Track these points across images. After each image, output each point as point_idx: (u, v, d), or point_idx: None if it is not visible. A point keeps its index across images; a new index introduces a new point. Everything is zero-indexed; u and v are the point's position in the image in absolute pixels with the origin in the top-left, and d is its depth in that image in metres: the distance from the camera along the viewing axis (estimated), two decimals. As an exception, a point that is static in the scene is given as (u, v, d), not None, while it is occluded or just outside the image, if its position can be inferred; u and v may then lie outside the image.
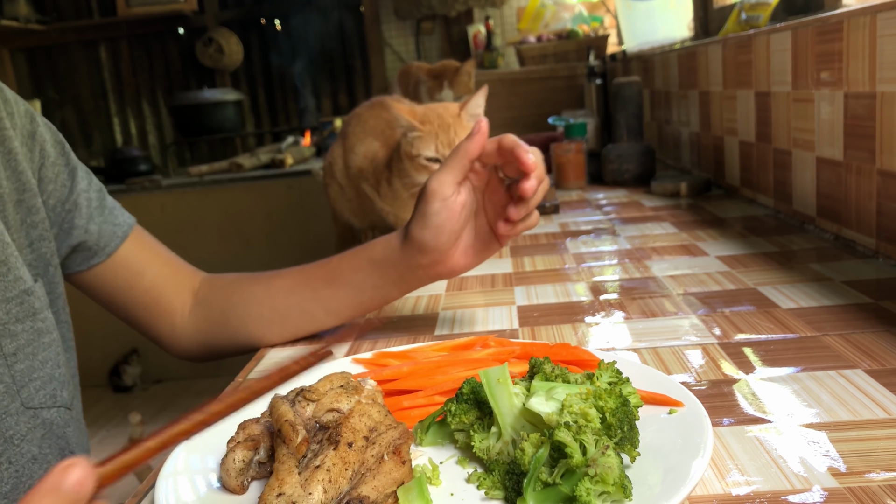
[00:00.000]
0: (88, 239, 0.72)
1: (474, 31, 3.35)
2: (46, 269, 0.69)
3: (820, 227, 1.03)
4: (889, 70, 0.82)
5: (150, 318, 0.79)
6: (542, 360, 0.52)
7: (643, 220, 1.25)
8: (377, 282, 0.72)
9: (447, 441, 0.52)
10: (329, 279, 0.74)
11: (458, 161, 0.66)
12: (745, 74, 1.27)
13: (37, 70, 4.05)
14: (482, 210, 0.70)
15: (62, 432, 0.64)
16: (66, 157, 0.72)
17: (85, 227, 0.72)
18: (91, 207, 0.73)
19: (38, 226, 0.67)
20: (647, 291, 0.84)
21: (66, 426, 0.65)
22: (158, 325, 0.79)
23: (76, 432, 0.67)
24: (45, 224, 0.68)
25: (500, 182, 0.69)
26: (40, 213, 0.68)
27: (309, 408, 0.48)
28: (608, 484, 0.40)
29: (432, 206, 0.66)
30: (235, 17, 3.99)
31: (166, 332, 0.80)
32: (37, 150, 0.69)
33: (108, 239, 0.74)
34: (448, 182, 0.66)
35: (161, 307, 0.78)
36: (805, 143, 1.06)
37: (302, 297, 0.75)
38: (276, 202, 3.25)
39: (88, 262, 0.74)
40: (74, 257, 0.73)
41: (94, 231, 0.73)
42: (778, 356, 0.62)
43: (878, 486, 0.42)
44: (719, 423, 0.52)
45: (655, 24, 2.33)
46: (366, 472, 0.44)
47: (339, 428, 0.46)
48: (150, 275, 0.77)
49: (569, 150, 1.64)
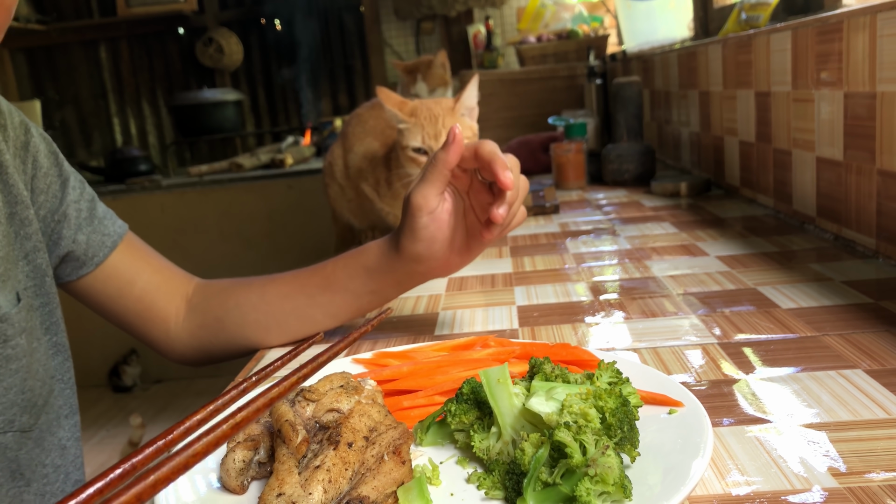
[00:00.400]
0: (76, 249, 0.73)
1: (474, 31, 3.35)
2: (43, 280, 0.69)
3: (820, 227, 1.03)
4: (889, 70, 0.82)
5: (144, 325, 0.79)
6: (542, 360, 0.52)
7: (643, 220, 1.25)
8: (373, 287, 0.72)
9: (447, 441, 0.52)
10: (325, 285, 0.73)
11: (437, 172, 0.65)
12: (745, 74, 1.27)
13: (37, 70, 4.05)
14: (470, 209, 0.69)
15: (14, 455, 0.63)
16: (59, 167, 0.72)
17: (73, 237, 0.72)
18: (80, 218, 0.73)
19: (31, 237, 0.67)
20: (647, 291, 0.84)
21: (18, 449, 0.64)
22: (153, 332, 0.79)
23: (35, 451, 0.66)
24: (38, 235, 0.68)
25: (482, 183, 0.68)
26: (33, 224, 0.68)
27: (309, 408, 0.48)
28: (608, 484, 0.40)
29: (420, 221, 0.66)
30: (235, 17, 3.99)
31: (161, 339, 0.80)
32: (29, 160, 0.69)
33: (97, 249, 0.74)
34: (431, 195, 0.65)
35: (154, 314, 0.78)
36: (805, 143, 1.06)
37: (298, 302, 0.74)
38: (276, 202, 3.25)
39: (77, 272, 0.74)
40: (63, 267, 0.73)
41: (81, 241, 0.73)
42: (778, 356, 0.62)
43: (878, 486, 0.42)
44: (719, 423, 0.52)
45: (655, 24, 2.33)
46: (366, 473, 0.44)
47: (339, 428, 0.46)
48: (141, 283, 0.77)
49: (569, 150, 1.64)
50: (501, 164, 0.61)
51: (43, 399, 0.67)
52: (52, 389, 0.69)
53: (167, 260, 0.82)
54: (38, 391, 0.66)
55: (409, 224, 0.67)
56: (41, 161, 0.70)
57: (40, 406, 0.67)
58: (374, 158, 1.21)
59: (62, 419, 0.71)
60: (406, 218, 0.67)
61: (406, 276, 0.71)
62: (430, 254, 0.68)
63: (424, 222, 0.66)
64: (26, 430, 0.65)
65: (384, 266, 0.70)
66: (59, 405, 0.70)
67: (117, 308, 0.77)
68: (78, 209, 0.73)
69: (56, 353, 0.71)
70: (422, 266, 0.69)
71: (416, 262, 0.69)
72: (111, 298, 0.76)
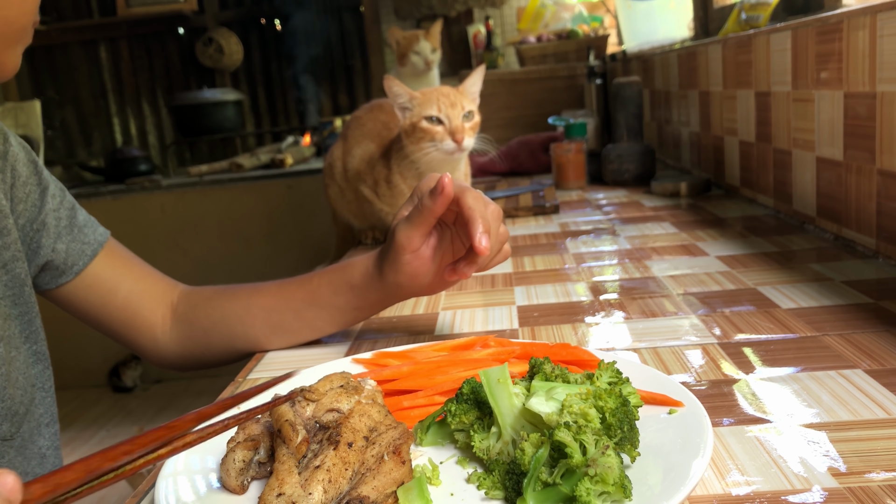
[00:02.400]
0: (55, 258, 0.72)
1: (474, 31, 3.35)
2: (22, 290, 0.69)
3: (820, 227, 1.03)
4: (889, 70, 0.82)
5: (130, 333, 0.79)
6: (542, 360, 0.52)
7: (643, 220, 1.25)
8: (358, 304, 0.73)
9: (447, 441, 0.52)
10: (310, 300, 0.73)
11: (423, 219, 0.64)
12: (745, 74, 1.27)
13: (37, 70, 4.05)
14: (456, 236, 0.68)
15: None
16: (38, 175, 0.72)
17: (52, 246, 0.72)
18: (60, 226, 0.73)
19: (10, 247, 0.67)
20: (647, 291, 0.84)
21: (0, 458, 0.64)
22: (140, 340, 0.79)
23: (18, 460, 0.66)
24: (17, 245, 0.68)
25: None
26: (12, 233, 0.67)
27: (309, 408, 0.48)
28: (608, 484, 0.40)
29: (403, 258, 0.66)
30: (235, 17, 3.99)
31: (149, 346, 0.80)
32: (7, 170, 0.69)
33: (76, 258, 0.74)
34: (415, 237, 0.65)
35: (139, 322, 0.78)
36: (805, 143, 1.06)
37: (284, 316, 0.74)
38: (276, 202, 3.25)
39: (57, 280, 0.74)
40: (43, 276, 0.73)
41: (61, 250, 0.73)
42: (778, 356, 0.62)
43: (878, 486, 0.42)
44: (719, 423, 0.52)
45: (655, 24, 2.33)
46: (366, 473, 0.44)
47: (339, 428, 0.46)
48: (123, 291, 0.77)
49: (569, 150, 1.64)
50: (478, 227, 0.61)
51: (24, 408, 0.67)
52: (34, 398, 0.69)
53: (150, 266, 0.81)
54: (18, 400, 0.66)
55: (393, 258, 0.67)
56: (20, 170, 0.70)
57: (22, 415, 0.66)
58: (371, 160, 1.21)
59: (42, 427, 0.70)
60: (390, 251, 0.67)
61: (389, 296, 0.72)
62: (412, 285, 0.69)
63: (407, 259, 0.67)
64: (7, 438, 0.65)
65: (368, 285, 0.71)
66: (39, 413, 0.70)
67: (101, 316, 0.77)
68: (57, 217, 0.73)
69: (36, 361, 0.71)
70: (405, 291, 0.70)
71: (399, 287, 0.70)
72: (94, 306, 0.76)
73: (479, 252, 0.60)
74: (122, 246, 0.80)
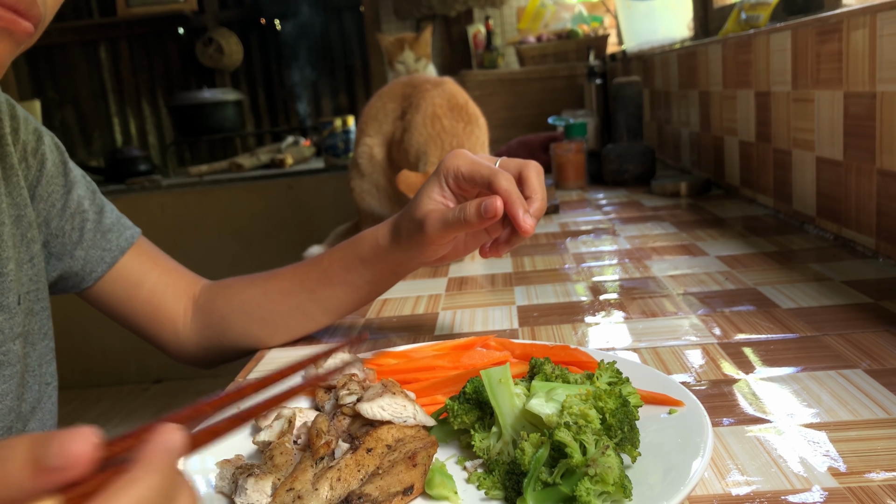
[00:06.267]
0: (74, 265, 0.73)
1: (474, 31, 3.35)
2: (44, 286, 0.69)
3: (820, 226, 1.03)
4: (889, 70, 0.82)
5: (153, 326, 0.79)
6: (543, 361, 0.52)
7: (643, 220, 1.25)
8: (370, 278, 0.73)
9: (447, 441, 0.52)
10: (323, 279, 0.74)
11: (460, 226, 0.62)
12: (744, 74, 1.27)
13: (37, 70, 4.05)
14: None
15: None
16: (65, 176, 0.73)
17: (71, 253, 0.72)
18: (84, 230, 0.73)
19: (36, 241, 0.68)
20: (647, 291, 0.84)
21: None
22: (162, 334, 0.80)
23: None
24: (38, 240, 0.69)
25: None
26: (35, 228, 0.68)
27: (345, 421, 0.51)
28: (608, 484, 0.40)
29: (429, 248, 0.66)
30: (235, 17, 3.98)
31: (171, 340, 0.80)
32: (35, 166, 0.70)
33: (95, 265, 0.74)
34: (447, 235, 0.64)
35: (163, 315, 0.79)
36: (805, 143, 1.06)
37: (299, 298, 0.75)
38: (276, 202, 3.25)
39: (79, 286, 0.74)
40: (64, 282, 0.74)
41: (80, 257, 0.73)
42: (778, 356, 0.62)
43: (878, 486, 0.42)
44: (719, 423, 0.52)
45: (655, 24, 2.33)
46: (380, 474, 0.45)
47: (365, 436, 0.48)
48: (149, 284, 0.78)
49: (569, 150, 1.64)
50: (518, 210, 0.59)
51: (31, 406, 0.67)
52: (43, 395, 0.69)
53: (176, 262, 0.82)
54: (29, 398, 0.66)
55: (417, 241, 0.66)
56: (48, 168, 0.71)
57: (27, 413, 0.67)
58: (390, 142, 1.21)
59: (45, 428, 0.70)
60: (415, 234, 0.66)
61: (401, 265, 0.72)
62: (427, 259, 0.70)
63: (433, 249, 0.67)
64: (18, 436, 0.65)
65: (379, 255, 0.71)
66: (47, 410, 0.70)
67: (126, 310, 0.78)
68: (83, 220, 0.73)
69: (52, 359, 0.71)
70: (417, 263, 0.71)
71: (411, 260, 0.70)
72: (121, 300, 0.77)
73: (524, 233, 0.60)
74: (151, 243, 0.81)
